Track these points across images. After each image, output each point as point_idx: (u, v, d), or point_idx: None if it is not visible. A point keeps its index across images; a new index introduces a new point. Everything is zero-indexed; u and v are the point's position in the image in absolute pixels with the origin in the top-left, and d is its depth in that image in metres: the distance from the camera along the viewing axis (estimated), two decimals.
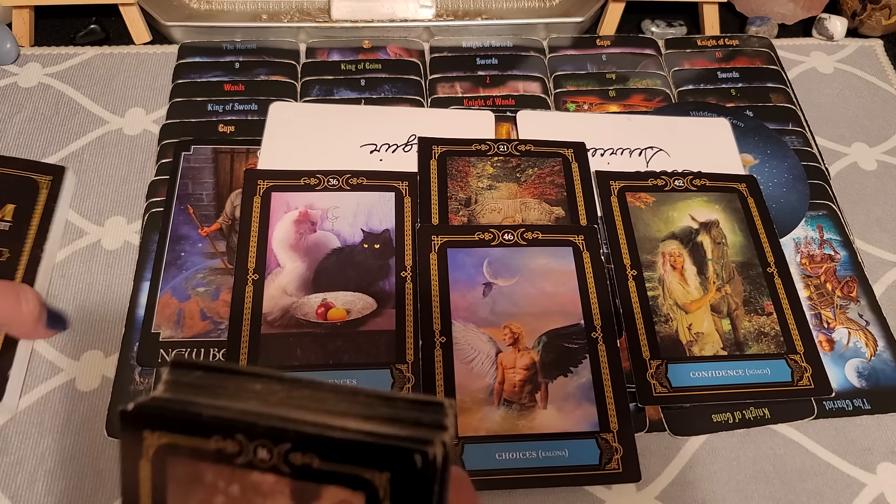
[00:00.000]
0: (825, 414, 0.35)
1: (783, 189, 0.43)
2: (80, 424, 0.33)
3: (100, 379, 0.34)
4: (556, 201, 0.41)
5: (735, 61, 0.50)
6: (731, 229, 0.40)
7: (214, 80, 0.46)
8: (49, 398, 0.34)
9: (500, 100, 0.47)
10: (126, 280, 0.37)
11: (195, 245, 0.38)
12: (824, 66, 0.52)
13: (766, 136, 0.46)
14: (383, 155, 0.42)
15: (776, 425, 0.35)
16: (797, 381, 0.35)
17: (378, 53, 0.48)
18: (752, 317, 0.37)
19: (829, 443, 0.35)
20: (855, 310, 0.39)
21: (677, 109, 0.47)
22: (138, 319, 0.36)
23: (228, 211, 0.39)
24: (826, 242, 0.42)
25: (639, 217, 0.40)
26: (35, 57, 0.47)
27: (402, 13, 0.49)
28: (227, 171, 0.41)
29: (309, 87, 0.46)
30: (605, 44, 0.51)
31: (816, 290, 0.40)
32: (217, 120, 0.44)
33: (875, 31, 0.53)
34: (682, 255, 0.39)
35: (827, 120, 0.48)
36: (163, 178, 0.41)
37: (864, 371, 0.37)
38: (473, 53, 0.49)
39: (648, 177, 0.42)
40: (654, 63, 0.50)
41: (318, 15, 0.49)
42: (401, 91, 0.46)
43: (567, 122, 0.45)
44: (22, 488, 0.31)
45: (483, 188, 0.41)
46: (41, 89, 0.45)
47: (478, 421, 0.33)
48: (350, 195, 0.40)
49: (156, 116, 0.45)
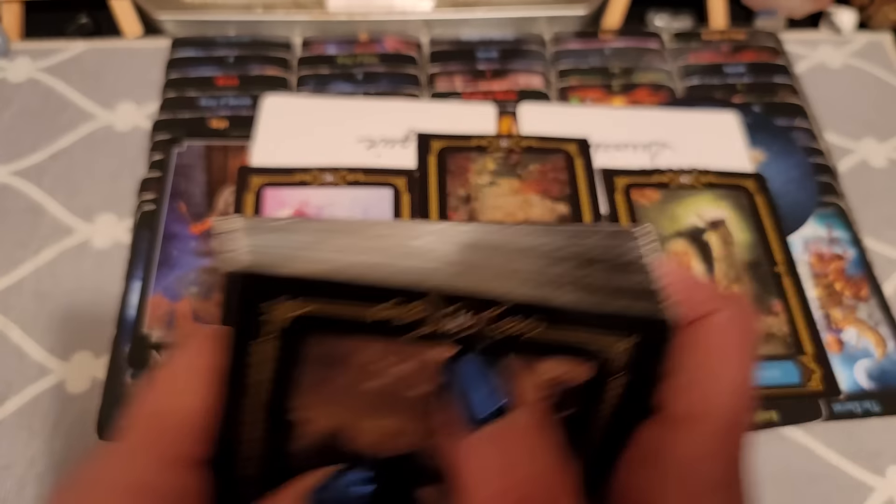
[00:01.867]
0: (834, 416, 0.35)
1: (791, 186, 0.43)
2: (71, 427, 0.32)
3: (90, 381, 0.34)
4: (560, 198, 0.40)
5: (742, 55, 0.49)
6: (739, 227, 0.40)
7: (207, 75, 0.45)
8: (38, 401, 0.33)
9: (500, 93, 0.46)
10: (116, 279, 0.37)
11: (187, 243, 0.37)
12: (833, 61, 0.51)
13: (774, 132, 0.45)
14: (380, 150, 0.41)
15: (784, 428, 0.34)
16: (806, 383, 0.35)
17: (375, 47, 0.47)
18: (760, 317, 0.36)
19: (838, 446, 0.34)
20: (864, 309, 0.38)
21: (683, 104, 0.46)
22: (129, 320, 0.35)
23: (221, 208, 0.38)
24: (835, 241, 0.41)
25: (644, 215, 0.39)
26: (25, 51, 0.46)
27: (400, 5, 0.48)
28: (221, 167, 0.40)
29: (304, 81, 0.45)
30: (608, 37, 0.49)
31: (825, 289, 0.39)
32: (210, 115, 0.43)
33: (884, 25, 0.52)
34: (688, 254, 0.38)
35: (835, 115, 0.47)
36: (154, 175, 0.40)
37: (874, 372, 0.36)
38: (473, 46, 0.48)
39: (654, 173, 0.41)
40: (658, 57, 0.49)
41: (313, 7, 0.48)
42: (399, 85, 0.45)
43: (570, 116, 0.44)
44: (11, 493, 0.31)
45: (483, 185, 0.40)
46: (31, 84, 0.44)
47: None
48: (346, 192, 0.39)
49: (148, 111, 0.44)
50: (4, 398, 0.33)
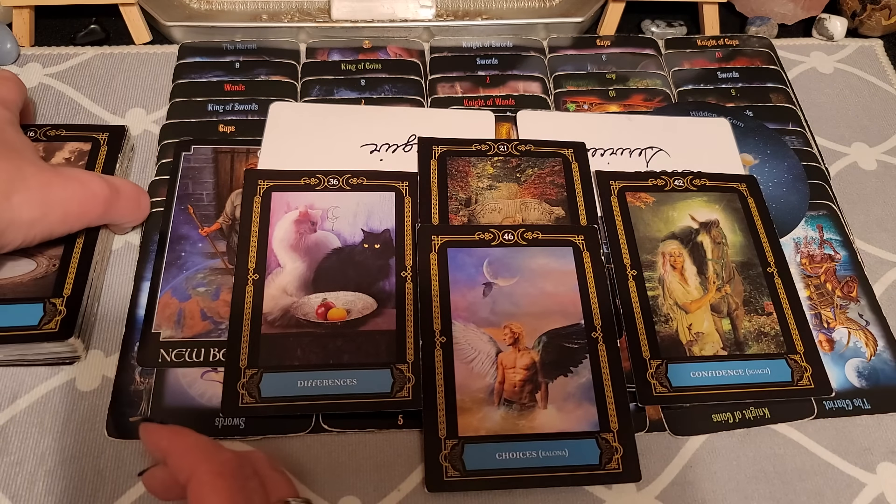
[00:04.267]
0: (825, 414, 0.35)
1: (783, 189, 0.43)
2: (81, 424, 0.33)
3: (100, 379, 0.34)
4: (557, 201, 0.41)
5: (735, 61, 0.50)
6: (732, 229, 0.40)
7: (215, 80, 0.46)
8: (49, 398, 0.34)
9: (500, 100, 0.47)
10: (126, 280, 0.37)
11: (195, 245, 0.38)
12: (824, 66, 0.52)
13: (766, 136, 0.46)
14: (383, 155, 0.42)
15: (776, 425, 0.35)
16: (797, 381, 0.35)
17: (378, 53, 0.48)
18: (752, 317, 0.37)
19: (830, 443, 0.35)
20: (855, 309, 0.39)
21: (677, 109, 0.47)
22: (139, 319, 0.36)
23: (229, 211, 0.39)
24: (826, 242, 0.42)
25: (639, 217, 0.40)
26: (35, 57, 0.47)
27: (403, 13, 0.49)
28: (228, 171, 0.41)
29: (309, 87, 0.46)
30: (605, 44, 0.51)
31: (816, 289, 0.40)
32: (217, 120, 0.44)
33: (875, 31, 0.53)
34: (682, 255, 0.39)
35: (827, 120, 0.48)
36: (163, 178, 0.41)
37: (865, 371, 0.37)
38: (473, 53, 0.49)
39: (648, 177, 0.42)
40: (654, 63, 0.50)
41: (318, 15, 0.49)
42: (401, 91, 0.46)
43: (567, 122, 0.45)
44: (22, 488, 0.31)
45: (483, 188, 0.41)
46: (41, 89, 0.45)
47: (478, 421, 0.33)
48: (350, 195, 0.40)
49: (156, 116, 0.45)
50: (16, 395, 0.34)
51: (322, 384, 0.33)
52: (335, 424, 0.34)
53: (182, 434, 0.28)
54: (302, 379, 0.33)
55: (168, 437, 0.27)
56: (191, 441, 0.27)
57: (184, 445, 0.27)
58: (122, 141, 0.40)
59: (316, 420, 0.34)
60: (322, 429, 0.34)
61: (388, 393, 0.33)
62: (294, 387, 0.33)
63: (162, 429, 0.28)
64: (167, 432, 0.28)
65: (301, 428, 0.33)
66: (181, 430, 0.28)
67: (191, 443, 0.27)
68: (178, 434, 0.28)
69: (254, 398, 0.33)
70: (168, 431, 0.28)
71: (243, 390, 0.33)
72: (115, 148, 0.40)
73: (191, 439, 0.27)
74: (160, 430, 0.28)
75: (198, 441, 0.27)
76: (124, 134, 0.41)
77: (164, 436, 0.28)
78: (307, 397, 0.33)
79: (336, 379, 0.34)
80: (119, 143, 0.40)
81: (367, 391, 0.33)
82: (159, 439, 0.28)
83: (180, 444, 0.27)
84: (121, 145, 0.40)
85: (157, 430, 0.28)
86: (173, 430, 0.28)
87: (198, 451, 0.27)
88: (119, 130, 0.41)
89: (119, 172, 0.40)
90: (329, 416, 0.34)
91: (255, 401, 0.33)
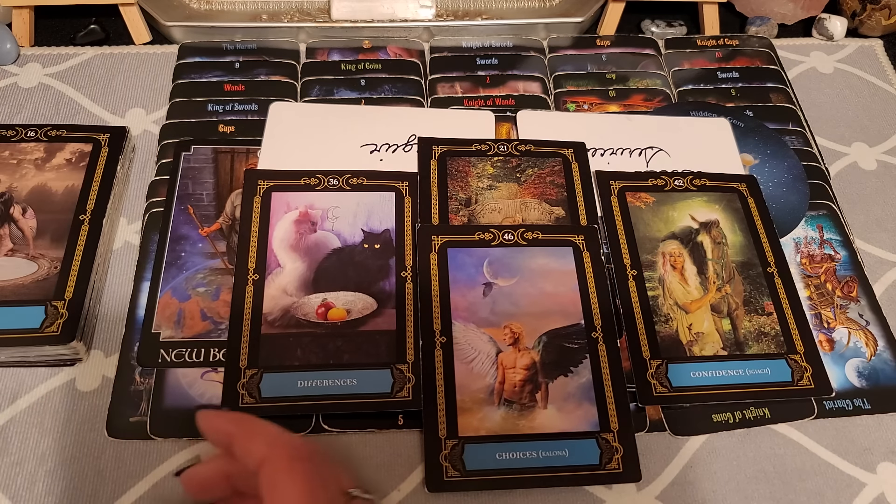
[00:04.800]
0: (825, 414, 0.35)
1: (783, 189, 0.43)
2: (81, 424, 0.33)
3: (100, 379, 0.34)
4: (557, 201, 0.41)
5: (735, 61, 0.50)
6: (732, 229, 0.40)
7: (214, 80, 0.46)
8: (49, 398, 0.34)
9: (500, 100, 0.47)
10: (126, 280, 0.37)
11: (195, 245, 0.38)
12: (824, 66, 0.52)
13: (766, 136, 0.46)
14: (383, 155, 0.42)
15: (776, 425, 0.35)
16: (797, 381, 0.35)
17: (378, 53, 0.48)
18: (752, 317, 0.37)
19: (830, 443, 0.35)
20: (855, 309, 0.39)
21: (677, 109, 0.47)
22: (139, 319, 0.36)
23: (229, 211, 0.39)
24: (826, 242, 0.42)
25: (639, 217, 0.40)
26: (35, 57, 0.47)
27: (402, 13, 0.49)
28: (228, 171, 0.41)
29: (309, 88, 0.46)
30: (605, 44, 0.51)
31: (816, 289, 0.40)
32: (217, 120, 0.44)
33: (875, 31, 0.53)
34: (682, 255, 0.39)
35: (827, 120, 0.48)
36: (163, 178, 0.41)
37: (865, 371, 0.37)
38: (473, 53, 0.49)
39: (648, 177, 0.42)
40: (653, 63, 0.50)
41: (318, 15, 0.49)
42: (401, 91, 0.46)
43: (567, 122, 0.45)
44: (22, 489, 0.31)
45: (483, 188, 0.41)
46: (41, 89, 0.45)
47: (478, 421, 0.33)
48: (350, 195, 0.40)
49: (156, 117, 0.45)
50: (16, 396, 0.34)
51: (322, 384, 0.33)
52: (335, 424, 0.34)
53: (247, 419, 0.26)
54: (302, 379, 0.33)
55: (234, 422, 0.26)
56: (258, 425, 0.26)
57: (252, 429, 0.25)
58: (123, 142, 0.40)
59: (316, 420, 0.34)
60: (322, 429, 0.34)
61: (388, 393, 0.33)
62: (294, 387, 0.33)
63: (224, 414, 0.27)
64: (232, 416, 0.26)
65: (301, 428, 0.33)
66: (245, 415, 0.26)
67: (258, 427, 0.26)
68: (243, 418, 0.26)
69: (254, 398, 0.33)
70: (232, 416, 0.26)
71: (243, 390, 0.33)
72: (116, 149, 0.40)
73: (258, 423, 0.26)
74: (223, 415, 0.27)
75: (266, 425, 0.26)
76: (125, 135, 0.41)
77: (228, 420, 0.26)
78: (307, 397, 0.33)
79: (336, 379, 0.34)
80: (120, 144, 0.40)
81: (367, 391, 0.33)
82: (223, 423, 0.26)
83: (248, 428, 0.25)
84: (122, 146, 0.40)
85: (219, 415, 0.27)
86: (237, 414, 0.27)
87: (268, 434, 0.25)
88: (120, 131, 0.41)
89: (120, 173, 0.40)
90: (329, 417, 0.34)
91: (255, 401, 0.33)
